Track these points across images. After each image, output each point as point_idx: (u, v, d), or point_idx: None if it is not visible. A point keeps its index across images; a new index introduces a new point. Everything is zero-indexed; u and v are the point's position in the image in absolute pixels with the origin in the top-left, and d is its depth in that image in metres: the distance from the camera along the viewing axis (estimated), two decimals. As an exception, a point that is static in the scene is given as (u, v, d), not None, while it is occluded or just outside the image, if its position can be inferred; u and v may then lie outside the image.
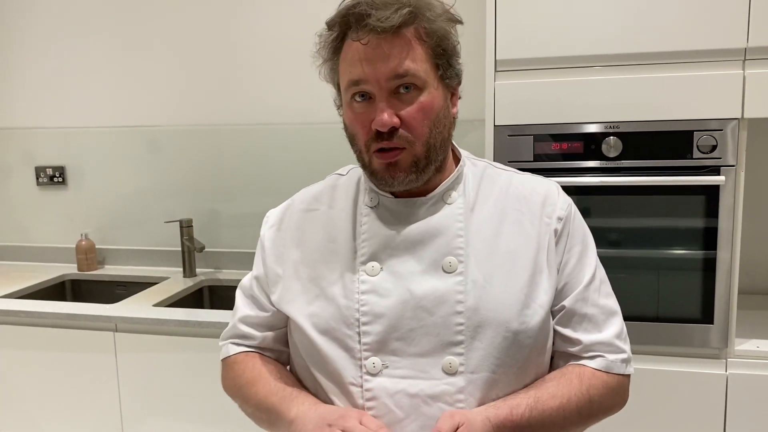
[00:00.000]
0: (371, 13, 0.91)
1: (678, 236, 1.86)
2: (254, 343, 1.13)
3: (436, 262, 0.99)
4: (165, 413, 2.20)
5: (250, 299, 1.14)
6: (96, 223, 2.89)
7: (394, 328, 0.98)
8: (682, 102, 1.77)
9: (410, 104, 0.95)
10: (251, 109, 2.66)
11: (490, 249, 1.01)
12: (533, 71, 1.85)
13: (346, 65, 0.97)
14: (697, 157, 1.79)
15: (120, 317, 2.17)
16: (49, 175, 2.90)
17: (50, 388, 2.29)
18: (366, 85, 0.95)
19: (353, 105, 0.98)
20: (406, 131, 0.96)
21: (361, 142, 0.99)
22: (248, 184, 2.70)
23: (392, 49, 0.93)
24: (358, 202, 1.08)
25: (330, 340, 1.00)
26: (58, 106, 2.86)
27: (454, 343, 0.97)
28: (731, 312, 1.82)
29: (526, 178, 1.13)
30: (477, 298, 0.98)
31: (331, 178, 1.16)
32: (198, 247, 2.62)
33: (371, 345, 0.98)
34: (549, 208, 1.06)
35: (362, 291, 1.00)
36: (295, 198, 1.16)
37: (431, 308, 0.97)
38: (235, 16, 2.62)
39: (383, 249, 1.01)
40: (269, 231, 1.14)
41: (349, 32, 0.96)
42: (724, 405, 1.82)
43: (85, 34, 2.78)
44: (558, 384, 1.00)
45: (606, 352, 1.03)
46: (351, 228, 1.05)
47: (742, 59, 1.73)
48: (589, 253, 1.08)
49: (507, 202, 1.06)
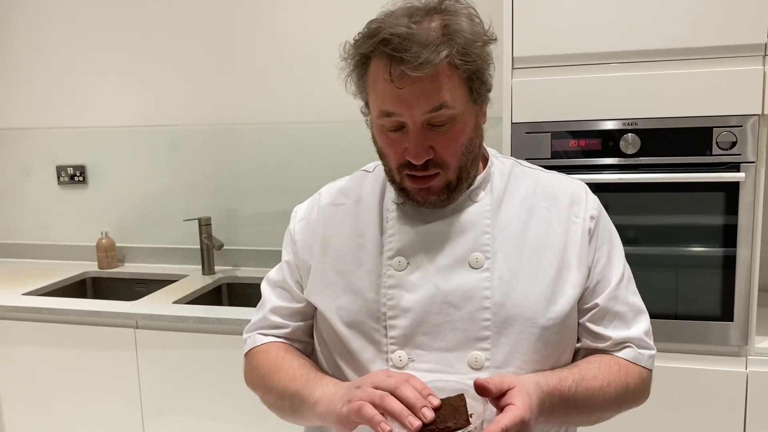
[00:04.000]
0: (405, 56, 0.88)
1: (697, 233, 1.84)
2: (284, 332, 1.14)
3: (462, 258, 1.00)
4: (185, 409, 2.23)
5: (281, 290, 1.15)
6: (116, 221, 2.92)
7: (420, 322, 0.99)
8: (701, 98, 1.76)
9: (443, 135, 0.95)
10: (270, 108, 2.68)
11: (516, 245, 1.02)
12: (550, 68, 1.84)
13: (376, 95, 0.94)
14: (716, 154, 1.77)
15: (140, 314, 2.20)
16: (69, 174, 2.94)
17: (72, 385, 2.33)
18: (400, 117, 0.94)
19: (386, 132, 0.97)
20: (439, 159, 0.96)
21: (393, 164, 0.99)
22: (266, 183, 2.72)
23: (426, 86, 0.91)
24: (384, 197, 1.08)
25: (357, 333, 1.02)
26: (79, 106, 2.90)
27: (480, 339, 0.98)
28: (751, 309, 1.81)
29: (554, 177, 1.13)
30: (503, 293, 0.99)
31: (357, 174, 1.17)
32: (216, 245, 2.65)
33: (398, 339, 0.99)
34: (576, 207, 1.07)
35: (389, 285, 1.01)
36: (321, 192, 1.17)
37: (458, 303, 0.98)
38: (253, 15, 2.64)
39: (410, 244, 1.02)
40: (299, 224, 1.14)
41: (375, 57, 0.93)
42: (744, 403, 1.81)
43: (104, 34, 2.81)
44: (599, 367, 1.02)
45: (633, 345, 1.05)
46: (378, 223, 1.06)
47: (762, 54, 1.72)
48: (618, 251, 1.10)
49: (534, 200, 1.07)
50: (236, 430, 2.17)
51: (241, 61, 2.68)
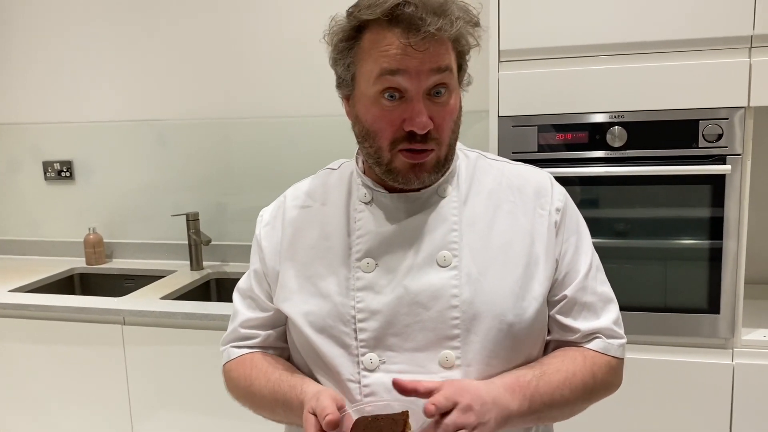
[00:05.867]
0: (425, 18, 0.89)
1: (684, 226, 1.85)
2: (256, 342, 1.12)
3: (431, 257, 1.00)
4: (173, 405, 2.22)
5: (250, 301, 1.13)
6: (103, 217, 2.91)
7: (390, 324, 0.98)
8: (687, 91, 1.76)
9: (441, 107, 0.95)
10: (257, 102, 2.67)
11: (484, 241, 1.01)
12: (537, 61, 1.84)
13: (379, 55, 0.92)
14: (702, 146, 1.78)
15: (128, 310, 2.19)
16: (56, 170, 2.92)
17: (60, 381, 2.32)
18: (404, 78, 0.92)
19: (382, 102, 0.94)
20: (436, 133, 0.95)
21: (385, 140, 0.96)
22: (255, 178, 2.71)
23: (432, 47, 0.91)
24: (351, 198, 1.07)
25: (326, 338, 1.00)
26: (65, 101, 2.87)
27: (450, 337, 0.97)
28: (738, 302, 1.82)
29: (519, 168, 1.12)
30: (472, 291, 0.98)
31: (322, 173, 1.15)
32: (205, 241, 2.64)
33: (368, 341, 0.99)
34: (543, 199, 1.06)
35: (358, 288, 1.00)
36: (287, 195, 1.14)
37: (427, 303, 0.98)
38: (242, 9, 2.62)
39: (378, 245, 1.01)
40: (264, 229, 1.12)
41: (375, 25, 0.93)
42: (731, 394, 1.82)
43: (91, 29, 2.78)
44: (562, 360, 1.02)
45: (602, 336, 1.05)
46: (345, 225, 1.05)
47: (748, 47, 1.72)
48: (585, 241, 1.08)
49: (500, 193, 1.06)
50: (225, 426, 2.16)
51: (230, 55, 2.66)
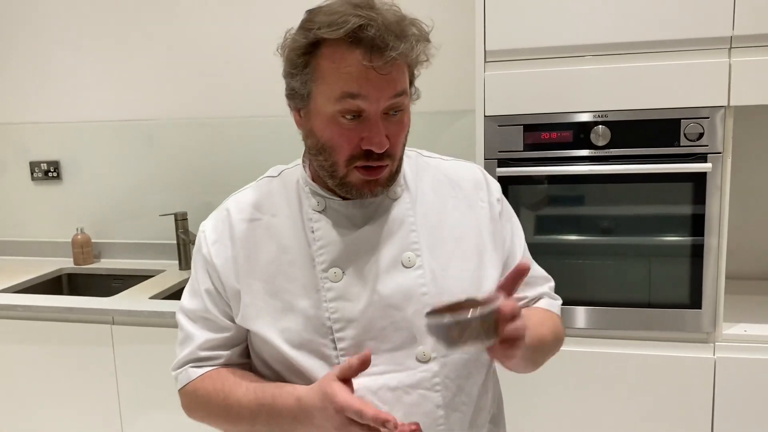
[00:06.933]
0: (387, 41, 0.90)
1: (667, 223, 1.88)
2: (219, 363, 1.08)
3: (395, 259, 1.02)
4: (163, 404, 2.23)
5: (205, 321, 1.08)
6: (91, 217, 2.90)
7: (366, 330, 1.00)
8: (669, 90, 1.79)
9: (395, 124, 0.97)
10: (245, 101, 2.67)
11: (438, 237, 1.06)
12: (522, 61, 1.86)
13: (339, 76, 0.93)
14: (684, 145, 1.81)
15: (117, 310, 2.19)
16: (43, 170, 2.91)
17: (48, 382, 2.32)
18: (364, 101, 0.93)
19: (340, 120, 0.95)
20: (391, 150, 0.98)
21: (342, 156, 0.97)
22: (243, 176, 2.67)
23: (393, 73, 0.93)
24: (302, 207, 1.06)
25: (305, 352, 1.01)
26: (52, 101, 2.86)
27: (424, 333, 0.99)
28: (719, 297, 1.85)
29: (452, 164, 1.17)
30: (439, 286, 1.02)
31: (263, 183, 1.14)
32: (193, 240, 2.64)
33: (347, 349, 1.00)
34: (480, 191, 1.12)
35: (329, 299, 1.01)
36: (229, 208, 1.10)
37: (399, 304, 1.01)
38: (229, 9, 2.63)
39: (341, 253, 1.02)
40: (214, 247, 1.07)
41: (338, 42, 0.92)
42: (713, 387, 1.86)
43: (78, 29, 2.78)
44: (528, 311, 1.11)
45: (547, 296, 1.18)
46: (302, 236, 1.04)
47: (728, 47, 1.75)
48: (517, 225, 1.17)
49: (442, 189, 1.11)
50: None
51: (217, 55, 2.67)
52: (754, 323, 1.92)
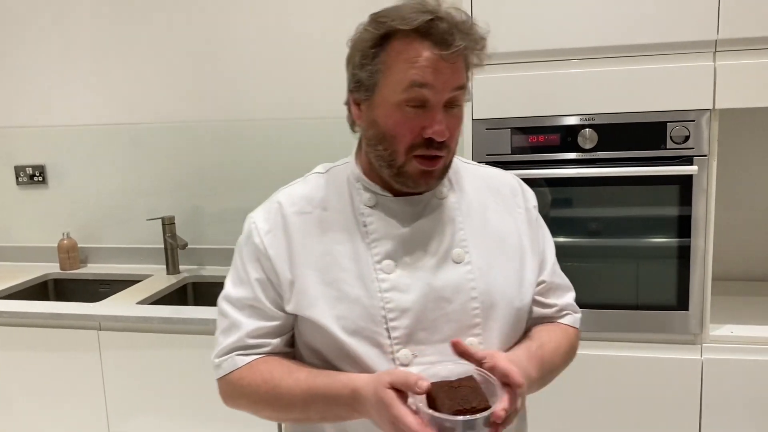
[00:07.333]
0: (455, 35, 0.97)
1: (654, 225, 1.89)
2: (266, 351, 1.11)
3: (445, 255, 1.08)
4: (151, 410, 2.21)
5: (253, 309, 1.10)
6: (78, 221, 2.88)
7: (419, 320, 1.05)
8: (655, 94, 1.81)
9: (453, 117, 1.03)
10: (232, 105, 2.66)
11: (483, 237, 1.11)
12: (510, 65, 1.87)
13: (408, 66, 0.98)
14: (670, 148, 1.82)
15: (104, 315, 2.18)
16: (29, 174, 2.88)
17: (35, 389, 2.29)
18: (429, 91, 0.98)
19: (404, 109, 1.00)
20: (449, 141, 1.03)
21: (403, 144, 1.02)
22: (230, 180, 2.71)
23: (457, 67, 1.00)
24: (353, 202, 1.11)
25: (360, 339, 1.05)
26: (37, 104, 2.84)
27: (472, 326, 1.07)
28: (706, 298, 1.87)
29: (488, 170, 1.22)
30: (486, 283, 1.08)
31: (311, 178, 1.17)
32: (181, 244, 2.63)
33: (401, 338, 1.05)
34: (517, 198, 1.18)
35: (384, 289, 1.05)
36: (281, 201, 1.13)
37: (450, 297, 1.06)
38: (215, 13, 2.62)
39: (395, 247, 1.07)
40: (267, 237, 1.10)
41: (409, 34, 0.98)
42: (700, 388, 1.87)
43: (63, 32, 2.76)
44: (549, 333, 1.15)
45: (572, 312, 1.21)
46: (355, 228, 1.09)
47: (712, 51, 1.77)
48: (548, 232, 1.23)
49: (482, 193, 1.16)
50: (202, 431, 2.16)
51: (204, 58, 2.66)
52: (740, 324, 1.94)
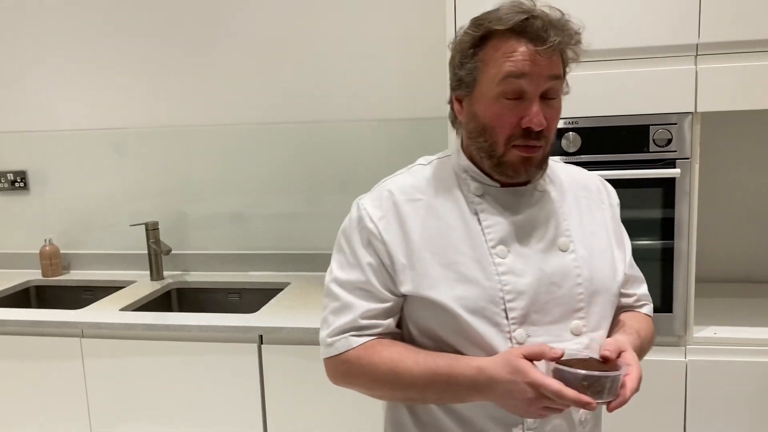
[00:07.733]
0: (549, 31, 1.04)
1: (637, 228, 1.90)
2: (378, 331, 1.16)
3: (552, 243, 1.15)
4: (134, 418, 2.19)
5: (364, 292, 1.15)
6: (60, 227, 2.85)
7: (533, 302, 1.12)
8: (637, 97, 1.82)
9: (551, 108, 1.09)
10: (215, 110, 2.65)
11: (581, 229, 1.18)
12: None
13: (505, 59, 1.06)
14: (653, 151, 1.84)
15: (86, 323, 2.15)
16: (10, 180, 2.85)
17: (17, 397, 2.26)
18: (526, 81, 1.05)
19: (502, 101, 1.07)
20: (547, 132, 1.09)
21: (502, 135, 1.08)
22: (214, 186, 2.69)
23: (554, 57, 1.07)
24: (462, 191, 1.17)
25: (480, 319, 1.10)
26: (18, 109, 2.81)
27: (577, 310, 1.14)
28: (689, 300, 1.88)
29: (573, 168, 1.29)
30: (589, 270, 1.16)
31: (416, 169, 1.23)
32: (165, 250, 2.61)
33: (517, 318, 1.11)
34: (602, 195, 1.26)
35: (501, 272, 1.12)
36: (390, 189, 1.19)
37: (559, 282, 1.13)
38: (200, 18, 2.61)
39: (507, 234, 1.14)
40: (381, 223, 1.16)
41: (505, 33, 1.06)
42: (684, 389, 1.88)
43: (45, 37, 2.73)
44: (638, 321, 1.24)
45: (648, 302, 1.30)
46: (468, 215, 1.15)
47: (694, 54, 1.78)
48: (626, 233, 1.29)
49: (574, 189, 1.23)
50: (188, 436, 2.14)
51: (188, 63, 2.64)
52: (723, 326, 1.95)
